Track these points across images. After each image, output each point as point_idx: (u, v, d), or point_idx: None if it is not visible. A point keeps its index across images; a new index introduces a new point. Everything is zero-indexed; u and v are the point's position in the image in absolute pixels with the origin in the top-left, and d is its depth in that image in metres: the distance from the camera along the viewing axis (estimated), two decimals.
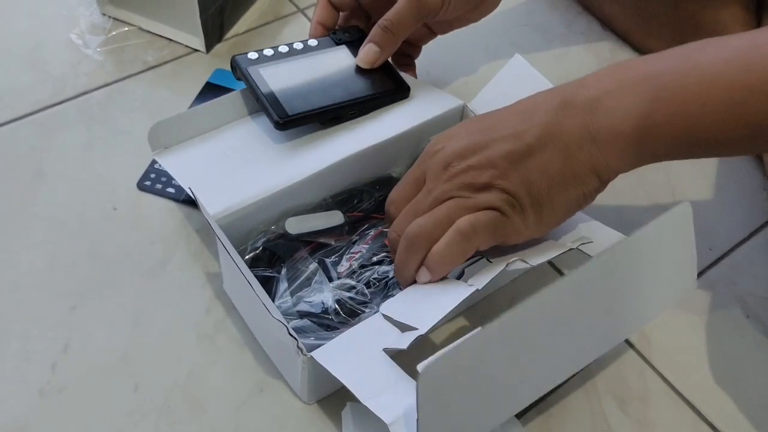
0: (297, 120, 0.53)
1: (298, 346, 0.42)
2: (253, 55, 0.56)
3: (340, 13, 0.61)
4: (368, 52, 0.57)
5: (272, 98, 0.54)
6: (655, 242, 0.43)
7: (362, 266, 0.51)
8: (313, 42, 0.58)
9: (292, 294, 0.49)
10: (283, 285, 0.49)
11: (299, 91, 0.55)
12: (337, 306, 0.48)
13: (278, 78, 0.55)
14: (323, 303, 0.48)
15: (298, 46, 0.58)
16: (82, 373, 0.49)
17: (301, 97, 0.54)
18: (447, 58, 0.55)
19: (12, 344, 0.50)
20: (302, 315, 0.48)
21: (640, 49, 0.73)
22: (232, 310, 0.53)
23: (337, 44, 0.59)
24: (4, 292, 0.53)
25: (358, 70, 0.57)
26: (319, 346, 0.43)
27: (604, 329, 0.44)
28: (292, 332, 0.42)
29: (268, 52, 0.57)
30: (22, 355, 0.50)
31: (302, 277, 0.50)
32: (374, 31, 0.56)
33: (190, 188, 0.47)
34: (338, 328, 0.47)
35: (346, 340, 0.43)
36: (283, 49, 0.57)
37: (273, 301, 0.48)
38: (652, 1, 0.70)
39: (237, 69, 0.56)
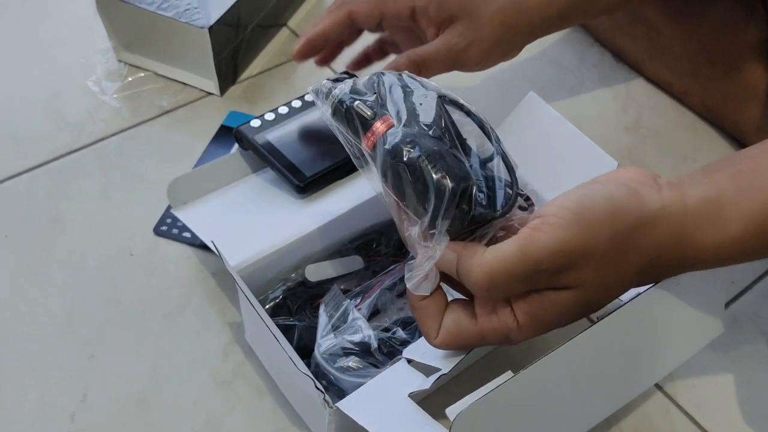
0: (316, 180, 0.54)
1: (324, 399, 0.41)
2: (255, 123, 0.57)
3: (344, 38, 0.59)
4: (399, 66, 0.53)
5: (287, 164, 0.54)
6: (685, 289, 0.43)
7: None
8: (308, 97, 0.59)
9: (334, 328, 0.49)
10: (323, 320, 0.49)
11: (312, 150, 0.55)
12: (379, 345, 0.48)
13: (287, 142, 0.56)
14: (366, 341, 0.48)
15: (297, 104, 0.59)
16: (101, 423, 0.49)
17: (316, 157, 0.55)
18: (459, 94, 0.55)
19: (31, 394, 0.50)
20: (347, 353, 0.48)
21: (654, 81, 0.72)
22: (250, 354, 0.52)
23: None
24: (22, 341, 0.53)
25: None
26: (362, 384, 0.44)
27: (634, 374, 0.44)
28: (319, 386, 0.41)
29: (270, 116, 0.57)
30: (40, 405, 0.50)
31: (338, 314, 0.49)
32: (401, 59, 0.53)
33: (212, 242, 0.47)
34: (385, 366, 0.47)
35: (371, 389, 0.43)
36: (283, 110, 0.58)
37: (317, 338, 0.48)
38: (664, 34, 0.70)
39: (243, 140, 0.56)
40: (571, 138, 0.54)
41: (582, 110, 0.70)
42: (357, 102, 0.42)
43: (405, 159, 0.39)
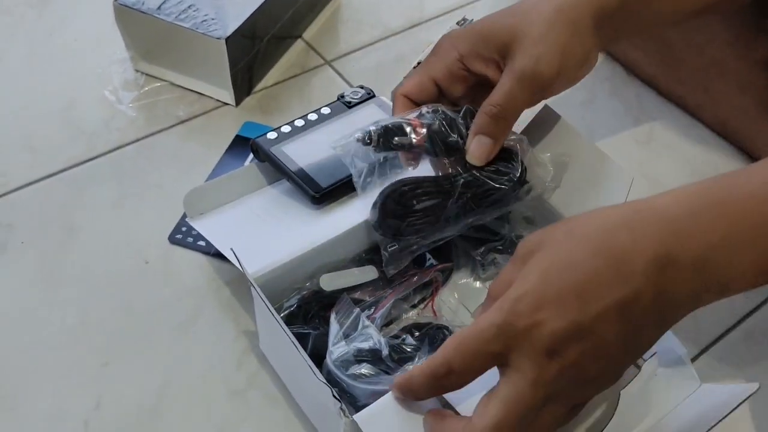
0: (332, 191, 0.55)
1: (341, 408, 0.41)
2: (272, 135, 0.57)
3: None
4: (480, 146, 0.49)
5: (302, 174, 0.55)
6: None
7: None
8: (326, 110, 0.59)
9: (345, 336, 0.49)
10: (335, 327, 0.49)
11: (327, 162, 0.56)
12: (390, 351, 0.48)
13: (303, 153, 0.56)
14: (377, 349, 0.48)
15: (313, 117, 0.59)
16: (114, 430, 0.49)
17: (331, 167, 0.55)
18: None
19: (45, 401, 0.50)
20: (359, 360, 0.48)
21: (666, 94, 0.73)
22: (264, 364, 0.52)
23: (349, 107, 0.60)
24: (37, 348, 0.53)
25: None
26: (378, 392, 0.43)
27: None
28: (336, 395, 0.41)
29: (286, 128, 0.58)
30: (54, 412, 0.50)
31: (348, 322, 0.49)
32: (480, 119, 0.49)
33: (232, 250, 0.48)
34: (396, 373, 0.47)
35: (389, 403, 0.43)
36: (299, 122, 0.58)
37: (328, 345, 0.48)
38: (676, 48, 0.70)
39: (259, 152, 0.56)
40: (586, 150, 0.54)
41: (594, 124, 0.70)
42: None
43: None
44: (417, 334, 0.51)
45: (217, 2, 0.67)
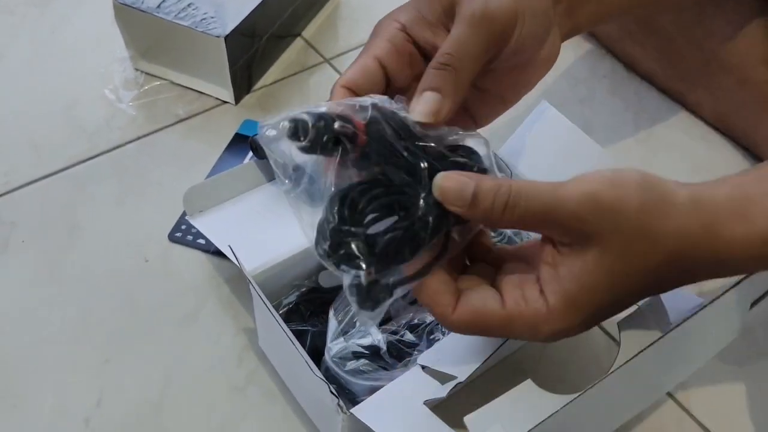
0: None
1: (338, 404, 0.42)
2: (272, 132, 0.57)
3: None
4: (426, 102, 0.40)
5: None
6: (714, 314, 0.43)
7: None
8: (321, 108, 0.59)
9: (343, 332, 0.49)
10: (333, 324, 0.49)
11: None
12: (388, 348, 0.49)
13: None
14: (375, 345, 0.48)
15: None
16: (116, 427, 0.49)
17: None
18: None
19: (46, 399, 0.51)
20: (357, 356, 0.48)
21: (666, 91, 0.72)
22: (264, 360, 0.53)
23: None
24: (38, 345, 0.53)
25: None
26: (376, 388, 0.44)
27: (651, 387, 0.44)
28: (333, 391, 0.42)
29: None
30: (56, 409, 0.50)
31: (347, 318, 0.50)
32: (426, 74, 0.40)
33: (230, 247, 0.48)
34: (394, 369, 0.48)
35: (386, 395, 0.43)
36: None
37: (327, 342, 0.48)
38: (675, 43, 0.70)
39: (258, 149, 0.56)
40: (584, 146, 0.54)
41: (593, 121, 0.70)
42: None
43: None
44: (416, 330, 0.51)
45: (216, 0, 0.67)
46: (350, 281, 0.36)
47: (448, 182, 0.36)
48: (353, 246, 0.36)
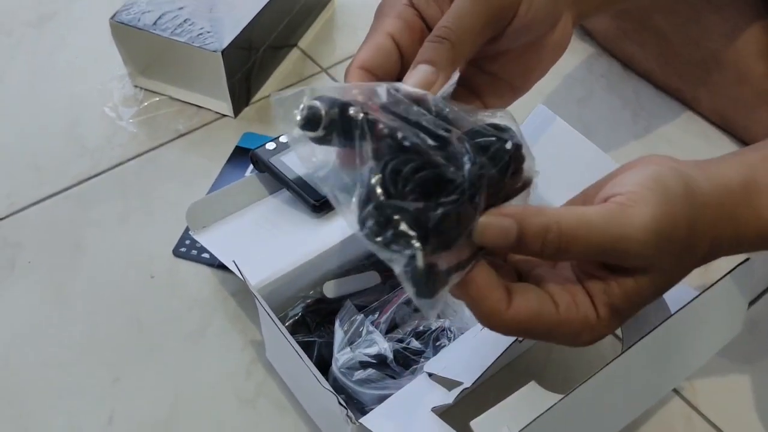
0: None
1: (347, 415, 0.42)
2: (271, 146, 0.57)
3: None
4: (419, 73, 0.37)
5: (302, 183, 0.55)
6: (712, 304, 0.43)
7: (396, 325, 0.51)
8: None
9: (350, 342, 0.49)
10: (339, 335, 0.50)
11: None
12: (395, 356, 0.49)
13: None
14: (382, 354, 0.49)
15: None
16: None
17: None
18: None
19: (58, 420, 0.51)
20: (364, 365, 0.48)
21: (663, 88, 0.73)
22: (272, 372, 0.53)
23: None
24: (48, 366, 0.54)
25: None
26: (384, 396, 0.44)
27: (655, 379, 0.44)
28: (342, 402, 0.42)
29: (284, 138, 0.58)
30: (68, 429, 0.51)
31: (353, 329, 0.50)
32: (423, 47, 0.38)
33: (234, 262, 0.48)
34: (402, 377, 0.48)
35: (394, 403, 0.43)
36: None
37: (334, 352, 0.49)
38: (672, 41, 0.70)
39: (259, 162, 0.57)
40: (583, 150, 0.54)
41: (592, 120, 0.71)
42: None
43: None
44: (422, 337, 0.51)
45: (212, 15, 0.67)
46: (403, 265, 0.32)
47: (488, 228, 0.33)
48: (404, 223, 0.31)
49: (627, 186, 0.35)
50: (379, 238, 0.31)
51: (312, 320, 0.52)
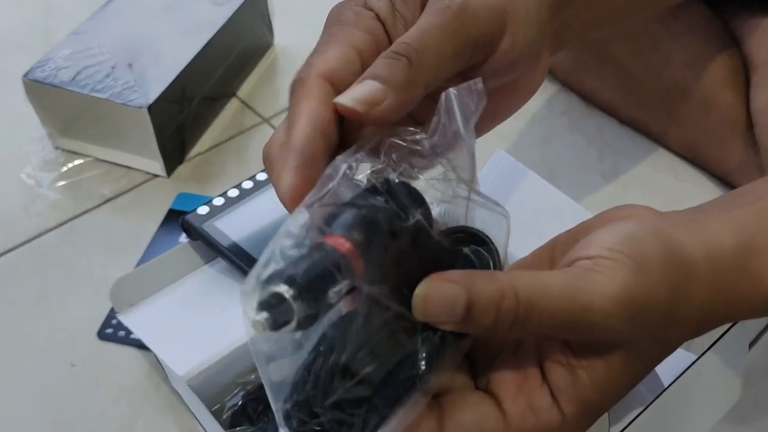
0: None
1: None
2: (203, 210, 0.52)
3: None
4: (363, 87, 0.30)
5: (237, 251, 0.50)
6: (709, 369, 0.39)
7: None
8: (261, 176, 0.54)
9: None
10: None
11: (266, 236, 0.50)
12: None
13: (238, 227, 0.51)
14: None
15: (248, 185, 0.54)
16: None
17: (269, 240, 0.50)
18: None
19: None
20: None
21: (628, 123, 0.69)
22: None
23: None
24: None
25: None
26: None
27: None
28: None
29: (218, 201, 0.53)
30: None
31: None
32: (377, 62, 0.31)
33: (156, 353, 0.43)
34: None
35: None
36: (233, 192, 0.53)
37: None
38: (634, 73, 0.66)
39: (191, 230, 0.51)
40: (546, 195, 0.50)
41: (555, 161, 0.66)
42: None
43: None
44: None
45: (136, 68, 0.62)
46: None
47: (429, 300, 0.28)
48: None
49: (596, 249, 0.30)
50: None
51: (254, 410, 0.45)
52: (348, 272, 0.27)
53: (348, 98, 0.30)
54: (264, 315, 0.25)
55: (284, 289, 0.25)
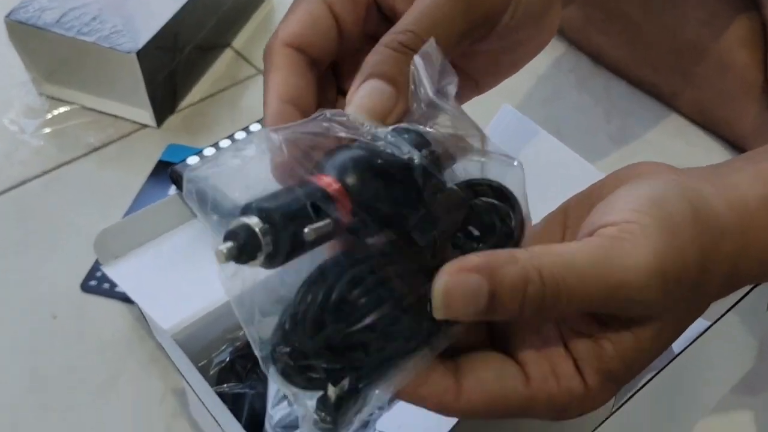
0: None
1: None
2: (193, 160, 0.50)
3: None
4: (373, 94, 0.28)
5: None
6: (721, 336, 0.36)
7: None
8: (255, 126, 0.52)
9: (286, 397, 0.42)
10: (273, 388, 0.42)
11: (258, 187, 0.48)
12: None
13: None
14: None
15: (241, 135, 0.52)
16: None
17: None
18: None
19: None
20: None
21: (637, 83, 0.66)
22: (197, 429, 0.45)
23: None
24: None
25: None
26: None
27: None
28: None
29: (209, 151, 0.51)
30: None
31: None
32: (379, 53, 0.29)
33: (139, 305, 0.41)
34: None
35: None
36: (225, 143, 0.51)
37: (267, 408, 0.40)
38: (644, 30, 0.63)
39: (180, 180, 0.49)
40: (553, 150, 0.47)
41: (562, 121, 0.64)
42: None
43: None
44: None
45: (124, 11, 0.59)
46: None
47: (451, 295, 0.24)
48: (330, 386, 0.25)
49: (618, 213, 0.27)
50: (292, 387, 0.26)
51: (243, 367, 0.43)
52: (331, 211, 0.24)
53: (357, 107, 0.28)
54: (228, 245, 0.23)
55: (254, 222, 0.23)
